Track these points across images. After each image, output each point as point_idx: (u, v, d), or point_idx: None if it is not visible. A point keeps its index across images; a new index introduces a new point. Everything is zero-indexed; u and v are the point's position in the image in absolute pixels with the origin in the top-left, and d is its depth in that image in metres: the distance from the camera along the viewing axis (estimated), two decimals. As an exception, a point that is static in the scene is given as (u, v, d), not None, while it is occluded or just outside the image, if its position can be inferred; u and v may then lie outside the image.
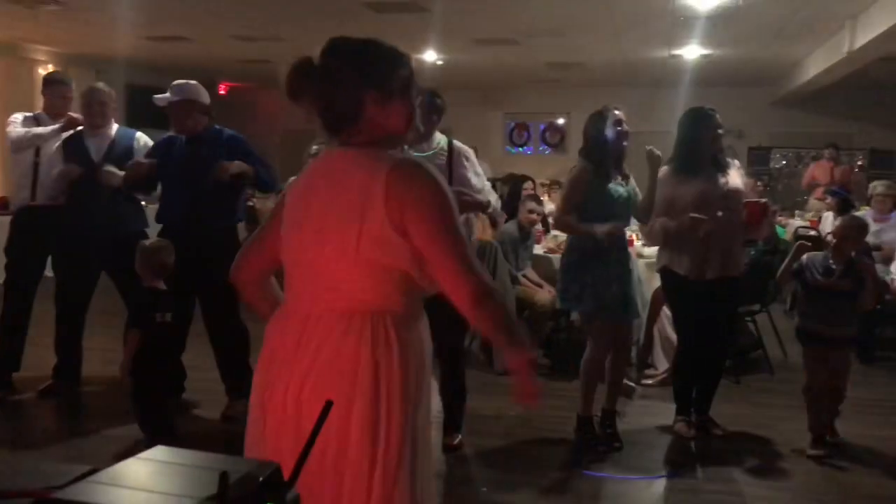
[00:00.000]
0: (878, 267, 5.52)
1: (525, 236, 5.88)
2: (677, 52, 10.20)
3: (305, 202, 1.85)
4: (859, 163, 12.90)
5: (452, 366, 4.05)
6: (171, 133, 4.40)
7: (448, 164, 3.83)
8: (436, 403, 4.21)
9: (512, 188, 6.72)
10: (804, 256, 3.96)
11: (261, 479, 0.84)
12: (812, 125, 12.96)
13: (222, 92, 14.61)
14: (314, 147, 4.13)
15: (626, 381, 5.05)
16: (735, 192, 4.05)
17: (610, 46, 10.00)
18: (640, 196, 4.01)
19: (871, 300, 3.89)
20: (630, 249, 4.37)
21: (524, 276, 5.77)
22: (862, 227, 3.99)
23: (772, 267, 5.85)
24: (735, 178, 4.10)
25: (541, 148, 15.19)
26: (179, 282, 3.96)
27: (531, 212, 5.87)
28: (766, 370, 5.54)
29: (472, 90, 14.05)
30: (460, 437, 4.04)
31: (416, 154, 3.84)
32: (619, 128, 3.89)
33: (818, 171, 10.86)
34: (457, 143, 3.96)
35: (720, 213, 3.89)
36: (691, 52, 10.13)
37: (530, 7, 7.86)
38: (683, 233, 3.93)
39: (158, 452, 0.92)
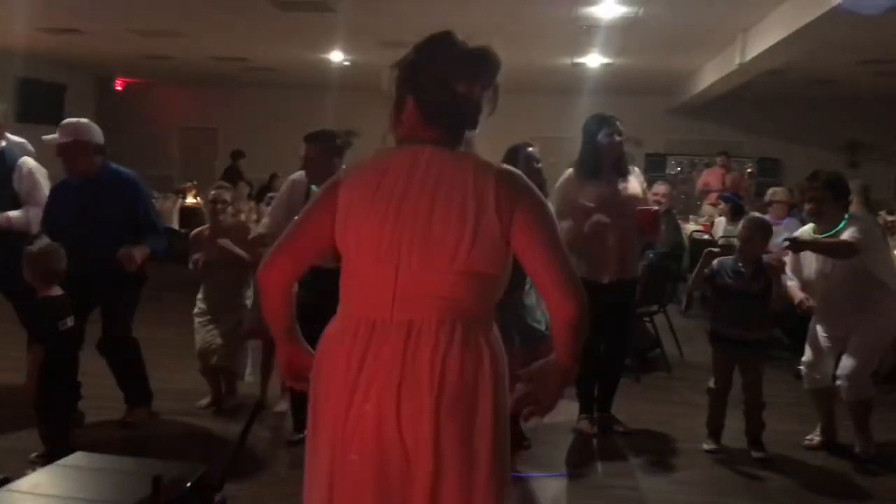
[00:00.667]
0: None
1: None
2: (580, 60, 10.48)
3: (392, 203, 1.73)
4: (749, 170, 13.54)
5: None
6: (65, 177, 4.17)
7: None
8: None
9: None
10: (715, 261, 4.13)
11: (189, 482, 0.83)
12: (705, 133, 13.54)
13: (119, 88, 14.11)
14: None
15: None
16: (633, 199, 4.18)
17: (514, 53, 10.16)
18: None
19: (777, 301, 4.04)
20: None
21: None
22: (765, 227, 4.13)
23: (669, 269, 6.11)
24: (634, 184, 4.25)
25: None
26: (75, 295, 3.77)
27: None
28: (663, 368, 5.75)
29: (373, 92, 13.95)
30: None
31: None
32: (529, 165, 3.92)
33: (711, 177, 11.33)
34: None
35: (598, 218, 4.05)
36: (593, 60, 10.43)
37: (436, 12, 7.91)
38: (588, 236, 4.04)
39: (79, 458, 0.90)
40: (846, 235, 3.80)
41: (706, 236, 8.01)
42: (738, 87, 10.34)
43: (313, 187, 3.92)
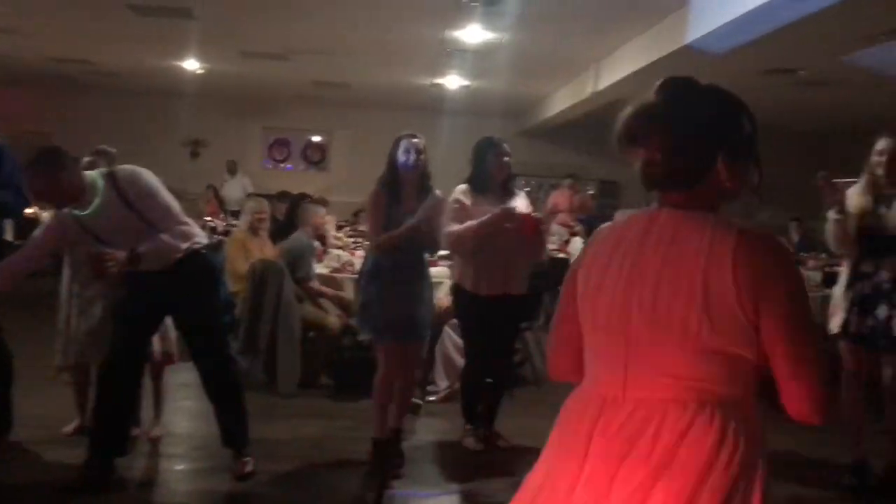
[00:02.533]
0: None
1: (313, 245, 5.87)
2: (439, 80, 10.68)
3: (624, 270, 1.57)
4: (591, 192, 14.29)
5: (229, 384, 3.86)
6: None
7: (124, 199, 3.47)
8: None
9: (291, 206, 6.63)
10: None
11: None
12: (552, 156, 14.13)
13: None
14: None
15: (412, 398, 5.19)
16: (506, 217, 4.31)
17: (378, 70, 10.23)
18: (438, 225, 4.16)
19: None
20: (435, 269, 4.53)
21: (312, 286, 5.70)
22: None
23: (537, 286, 6.32)
24: (521, 203, 4.40)
25: (301, 165, 15.08)
26: None
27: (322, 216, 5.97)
28: (533, 382, 5.94)
29: (230, 101, 13.65)
30: (252, 461, 3.88)
31: (84, 214, 3.47)
32: (410, 154, 4.00)
33: (559, 198, 11.82)
34: (122, 171, 3.55)
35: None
36: (452, 81, 10.66)
37: (304, 25, 7.84)
38: (487, 228, 4.14)
39: None
40: None
41: (562, 255, 8.36)
42: (587, 113, 10.91)
43: (75, 212, 3.50)
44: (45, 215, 9.80)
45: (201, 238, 3.79)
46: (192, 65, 10.51)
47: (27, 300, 7.04)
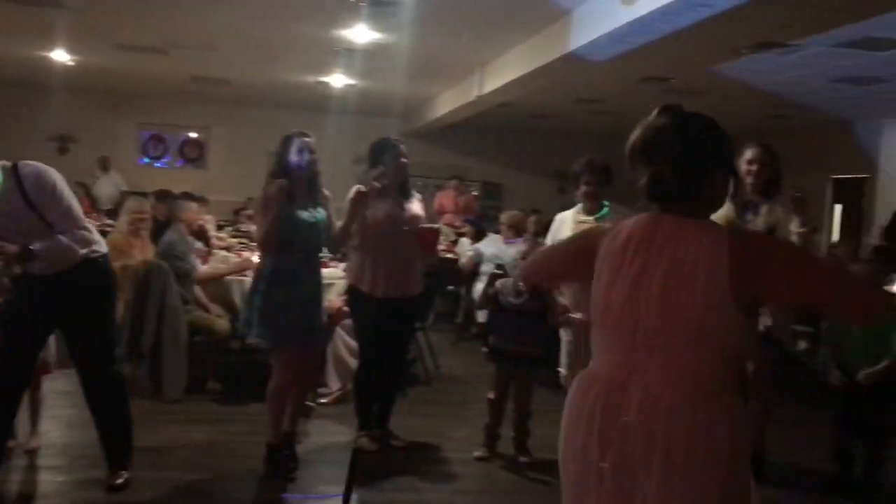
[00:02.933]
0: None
1: (188, 239, 5.70)
2: (325, 79, 10.59)
3: (634, 268, 1.80)
4: (475, 193, 14.54)
5: (114, 394, 3.73)
6: None
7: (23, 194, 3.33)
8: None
9: (171, 207, 6.40)
10: (497, 282, 4.44)
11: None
12: (437, 157, 14.26)
13: None
14: None
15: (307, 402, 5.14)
16: (416, 218, 4.39)
17: (261, 67, 10.04)
18: (335, 225, 4.14)
19: (554, 319, 4.43)
20: (325, 271, 4.50)
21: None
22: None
23: (429, 286, 6.40)
24: (417, 206, 4.45)
25: (178, 162, 14.59)
26: None
27: (196, 212, 5.81)
28: (423, 382, 6.00)
29: (103, 95, 13.05)
30: (126, 474, 3.73)
31: None
32: (303, 153, 3.97)
33: (445, 199, 12.00)
34: (27, 166, 3.37)
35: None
36: (338, 80, 10.59)
37: (184, 19, 7.60)
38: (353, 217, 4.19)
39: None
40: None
41: (450, 255, 8.47)
42: (471, 115, 11.10)
43: None
44: None
45: (100, 246, 3.63)
46: (61, 56, 9.96)
47: None
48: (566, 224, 4.56)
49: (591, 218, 4.48)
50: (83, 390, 3.70)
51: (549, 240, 4.64)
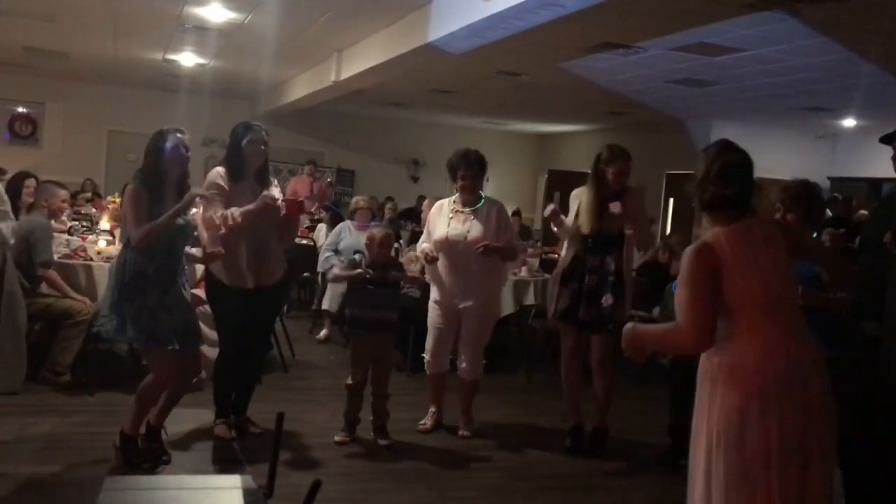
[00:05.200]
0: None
1: (49, 226, 5.37)
2: (173, 57, 10.17)
3: (759, 260, 2.42)
4: (329, 179, 14.46)
5: None
6: None
7: None
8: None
9: (12, 183, 5.98)
10: (356, 256, 4.65)
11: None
12: (291, 142, 14.04)
13: None
14: None
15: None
16: (273, 201, 4.29)
17: (103, 41, 9.51)
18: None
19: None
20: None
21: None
22: (388, 236, 4.69)
23: (287, 273, 6.35)
24: (274, 192, 4.39)
25: (6, 137, 13.56)
26: None
27: (64, 200, 5.53)
28: (280, 369, 5.96)
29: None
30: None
31: None
32: (178, 151, 3.84)
33: (299, 185, 11.83)
34: None
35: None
36: (188, 59, 10.21)
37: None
38: (253, 217, 4.15)
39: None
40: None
41: (304, 241, 8.41)
42: (327, 101, 11.01)
43: None
44: None
45: None
46: None
47: None
48: (444, 212, 4.72)
49: (468, 210, 4.63)
50: None
51: (426, 229, 4.78)
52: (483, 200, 4.70)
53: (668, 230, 12.02)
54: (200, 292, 5.35)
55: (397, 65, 7.68)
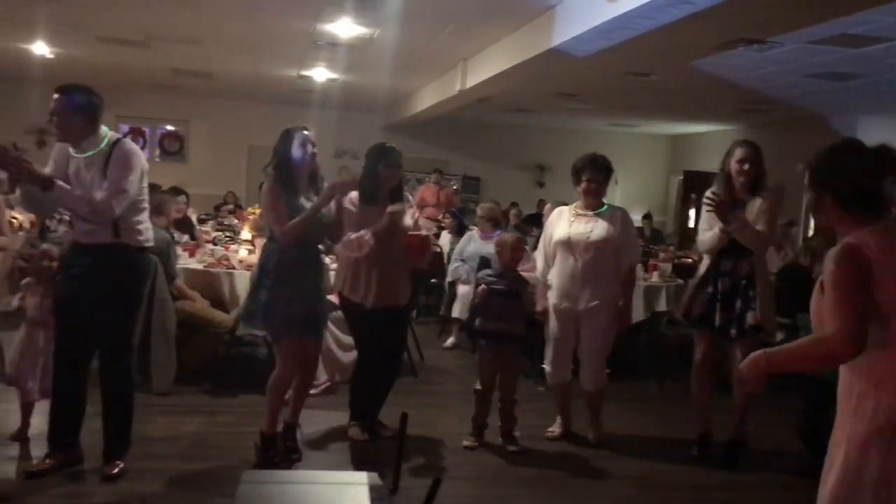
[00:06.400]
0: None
1: (171, 237, 5.71)
2: (307, 73, 10.59)
3: None
4: (454, 186, 14.63)
5: (126, 384, 3.86)
6: None
7: (105, 162, 3.63)
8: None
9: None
10: (479, 273, 4.64)
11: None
12: (417, 151, 14.31)
13: None
14: None
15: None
16: (405, 227, 4.39)
17: (243, 60, 10.02)
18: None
19: (530, 305, 4.59)
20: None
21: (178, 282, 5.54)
22: (519, 240, 4.71)
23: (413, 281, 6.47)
24: (407, 215, 4.44)
25: (157, 155, 14.52)
26: None
27: (178, 211, 5.82)
28: (410, 374, 6.07)
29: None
30: (122, 464, 3.81)
31: (78, 154, 3.62)
32: (305, 147, 4.03)
33: (426, 193, 12.05)
34: (126, 142, 3.77)
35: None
36: (320, 74, 10.60)
37: (167, 11, 7.58)
38: (382, 233, 4.22)
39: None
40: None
41: (436, 248, 8.53)
42: (452, 109, 11.15)
43: (71, 150, 3.68)
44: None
45: (146, 239, 3.78)
46: (41, 48, 9.88)
47: None
48: (563, 217, 4.66)
49: (591, 213, 4.58)
50: (101, 379, 3.80)
51: (545, 234, 4.74)
52: (606, 206, 4.63)
53: (811, 232, 11.40)
54: (333, 298, 5.54)
55: (522, 70, 7.67)
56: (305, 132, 4.03)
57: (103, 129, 3.71)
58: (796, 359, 2.27)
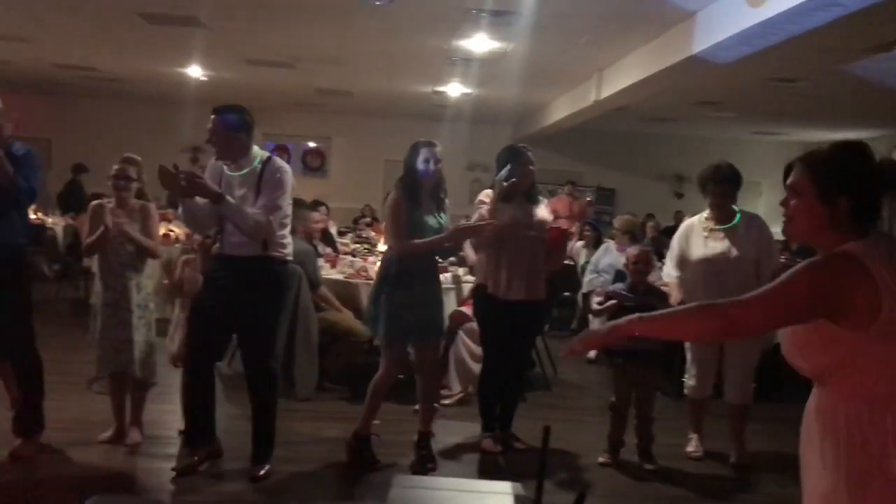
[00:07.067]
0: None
1: (314, 248, 5.94)
2: (441, 88, 10.80)
3: None
4: (588, 198, 14.44)
5: (272, 390, 4.03)
6: None
7: (259, 178, 3.81)
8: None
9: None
10: (610, 287, 4.51)
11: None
12: (551, 163, 14.24)
13: (-61, 91, 12.87)
14: None
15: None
16: (542, 222, 4.47)
17: (382, 79, 10.34)
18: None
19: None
20: (443, 276, 4.62)
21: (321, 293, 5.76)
22: (643, 254, 4.61)
23: (550, 292, 6.45)
24: (543, 210, 4.53)
25: (301, 171, 15.17)
26: None
27: (316, 222, 6.03)
28: (542, 387, 6.05)
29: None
30: (268, 467, 4.00)
31: (234, 172, 3.82)
32: (430, 162, 4.12)
33: (559, 205, 11.93)
34: (277, 160, 3.94)
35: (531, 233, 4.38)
36: (454, 89, 10.78)
37: (311, 34, 7.94)
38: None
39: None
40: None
41: (569, 262, 8.47)
42: (586, 120, 11.05)
43: (225, 168, 3.87)
44: (51, 221, 9.89)
45: (287, 251, 3.96)
46: (195, 72, 10.58)
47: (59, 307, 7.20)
48: (695, 232, 4.54)
49: (720, 228, 4.43)
50: (248, 385, 4.00)
51: (677, 246, 4.62)
52: (738, 216, 4.45)
53: None
54: (466, 310, 5.62)
55: (660, 79, 7.52)
56: (433, 148, 4.13)
57: (255, 147, 3.91)
58: (668, 322, 2.04)
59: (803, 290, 1.82)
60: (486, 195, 4.43)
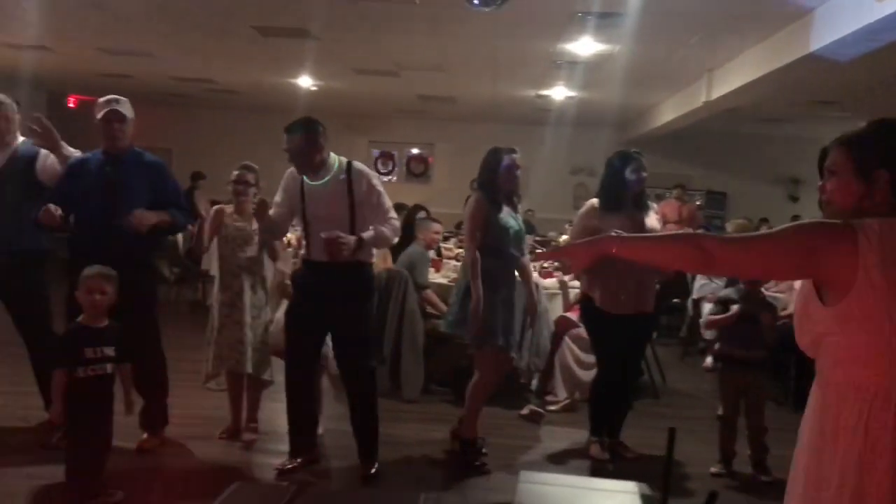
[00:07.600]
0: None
1: (427, 255, 6.04)
2: (545, 92, 10.74)
3: None
4: (698, 202, 14.06)
5: (363, 390, 4.07)
6: (86, 153, 4.18)
7: (348, 186, 3.86)
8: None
9: (407, 216, 6.80)
10: (721, 292, 4.42)
11: None
12: (658, 166, 13.89)
13: (71, 105, 13.75)
14: None
15: (534, 407, 5.28)
16: (651, 231, 4.37)
17: (485, 84, 10.38)
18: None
19: (770, 330, 4.32)
20: (548, 281, 4.60)
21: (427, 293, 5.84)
22: None
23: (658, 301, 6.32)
24: (652, 218, 4.43)
25: (405, 177, 15.42)
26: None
27: (437, 232, 6.12)
28: (651, 395, 5.92)
29: (339, 116, 14.06)
30: (377, 465, 4.06)
31: (314, 182, 3.87)
32: (509, 167, 4.16)
33: (667, 209, 11.67)
34: (357, 164, 3.97)
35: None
36: (558, 93, 10.70)
37: (416, 42, 8.06)
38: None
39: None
40: None
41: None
42: (695, 122, 10.76)
43: (305, 179, 3.92)
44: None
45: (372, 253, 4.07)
46: (306, 82, 10.91)
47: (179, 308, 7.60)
48: None
49: None
50: (346, 386, 4.08)
51: None
52: None
53: None
54: (573, 315, 5.57)
55: (775, 78, 7.25)
56: (515, 155, 4.16)
57: (332, 155, 3.92)
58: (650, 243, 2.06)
59: (788, 241, 1.77)
60: (592, 204, 4.38)
